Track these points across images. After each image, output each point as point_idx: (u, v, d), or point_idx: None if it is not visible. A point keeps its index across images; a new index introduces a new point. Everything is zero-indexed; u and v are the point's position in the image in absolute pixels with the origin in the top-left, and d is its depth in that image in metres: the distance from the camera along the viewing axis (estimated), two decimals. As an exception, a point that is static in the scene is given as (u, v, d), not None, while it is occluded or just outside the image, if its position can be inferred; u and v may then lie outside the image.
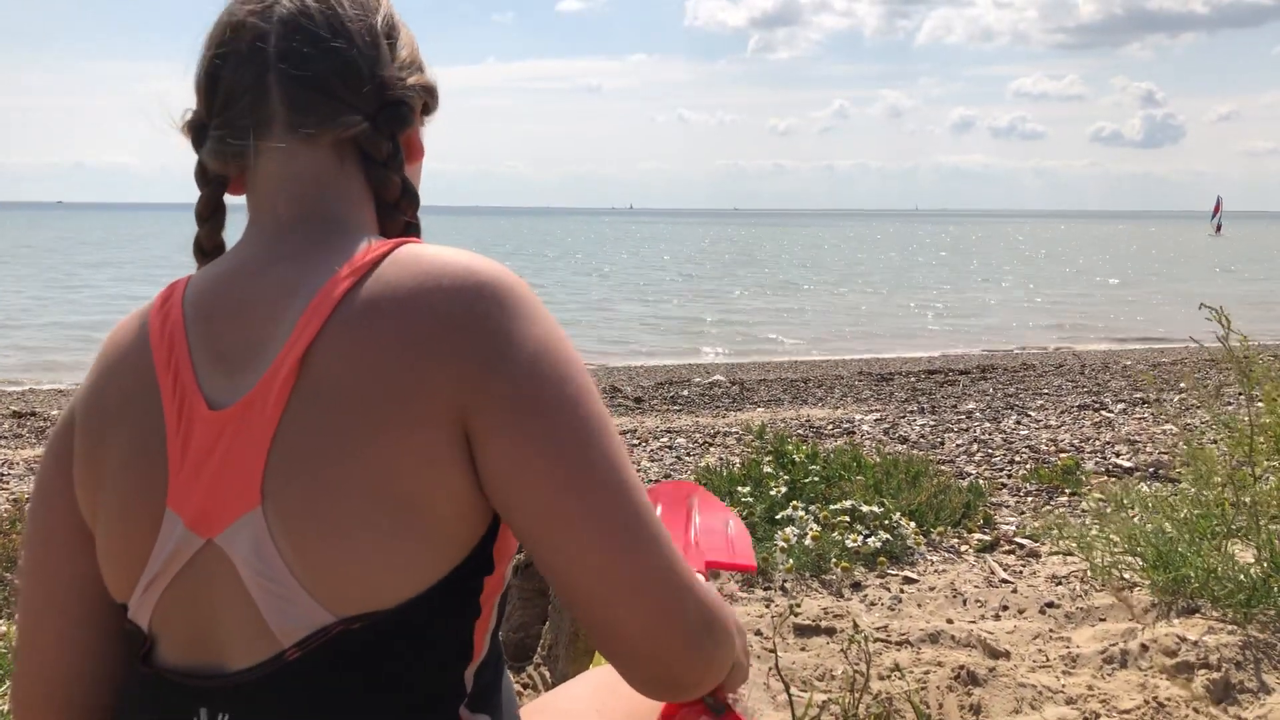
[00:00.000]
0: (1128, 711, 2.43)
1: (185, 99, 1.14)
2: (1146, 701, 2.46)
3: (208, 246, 1.16)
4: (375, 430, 0.93)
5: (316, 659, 0.95)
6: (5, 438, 7.66)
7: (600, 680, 1.56)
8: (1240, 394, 3.09)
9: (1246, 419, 3.05)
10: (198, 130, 1.11)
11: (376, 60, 1.09)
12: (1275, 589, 2.83)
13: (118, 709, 1.09)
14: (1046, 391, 9.16)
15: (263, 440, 0.94)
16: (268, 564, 0.94)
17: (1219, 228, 77.70)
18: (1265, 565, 2.89)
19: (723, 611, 1.01)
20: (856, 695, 2.13)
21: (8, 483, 5.68)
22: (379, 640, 0.95)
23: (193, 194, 1.15)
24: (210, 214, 1.15)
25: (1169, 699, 2.46)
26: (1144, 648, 2.69)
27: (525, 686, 2.57)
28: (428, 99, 1.16)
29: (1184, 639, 2.68)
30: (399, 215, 1.14)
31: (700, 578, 1.01)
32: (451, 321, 0.95)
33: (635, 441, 6.66)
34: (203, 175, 1.12)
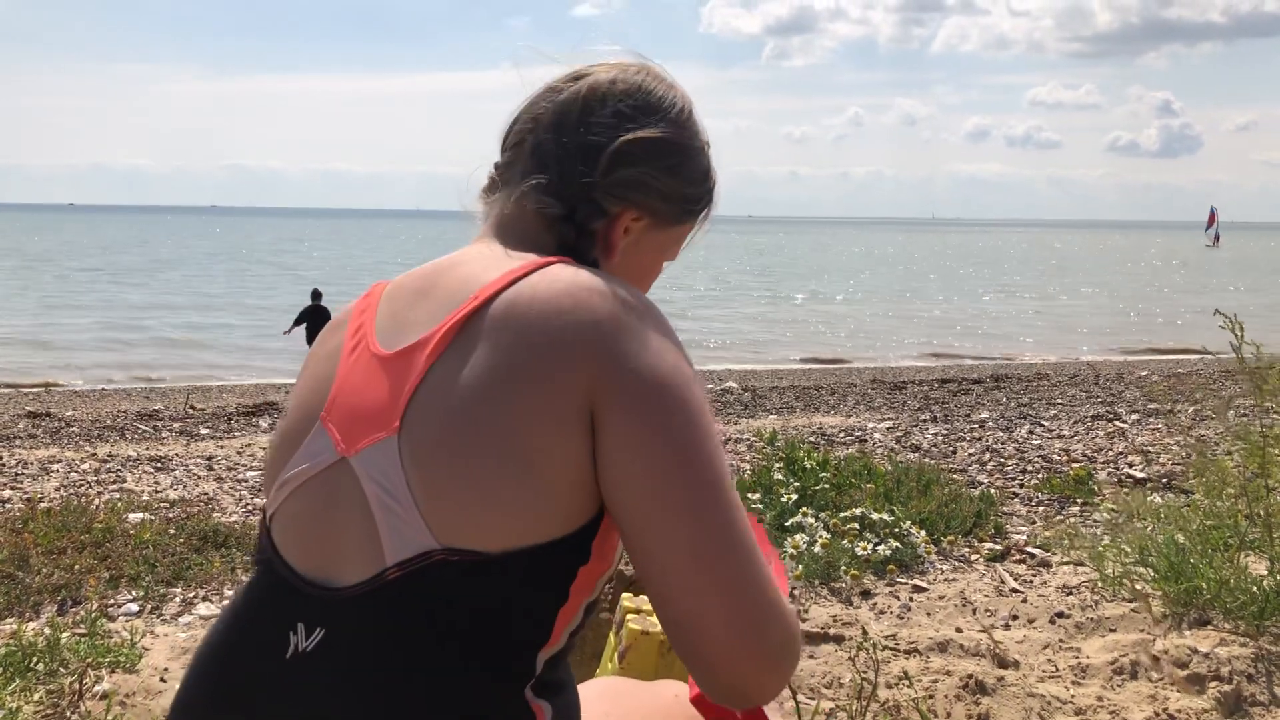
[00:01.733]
0: (1137, 723, 2.41)
1: (192, 101, 1.28)
2: (1157, 713, 2.44)
3: None
4: (505, 396, 1.07)
5: (413, 583, 1.04)
6: (21, 437, 7.70)
7: (606, 687, 1.57)
8: (1254, 405, 3.06)
9: (1259, 430, 3.03)
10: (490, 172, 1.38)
11: (595, 164, 1.26)
12: (1288, 601, 2.81)
13: (232, 605, 1.20)
14: (1060, 401, 9.12)
15: (411, 382, 1.11)
16: (393, 484, 1.07)
17: (1217, 239, 76.97)
18: (1278, 577, 2.87)
19: (798, 634, 1.08)
20: (864, 703, 2.12)
21: (21, 482, 5.71)
22: (473, 579, 1.04)
23: (206, 195, 1.31)
24: None
25: (1179, 710, 2.44)
26: (1155, 659, 2.67)
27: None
28: (650, 212, 1.31)
29: (1195, 650, 2.66)
30: None
31: (785, 598, 1.07)
32: (590, 327, 1.09)
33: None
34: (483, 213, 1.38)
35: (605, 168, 1.27)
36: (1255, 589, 2.86)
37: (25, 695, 2.40)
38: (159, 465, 6.24)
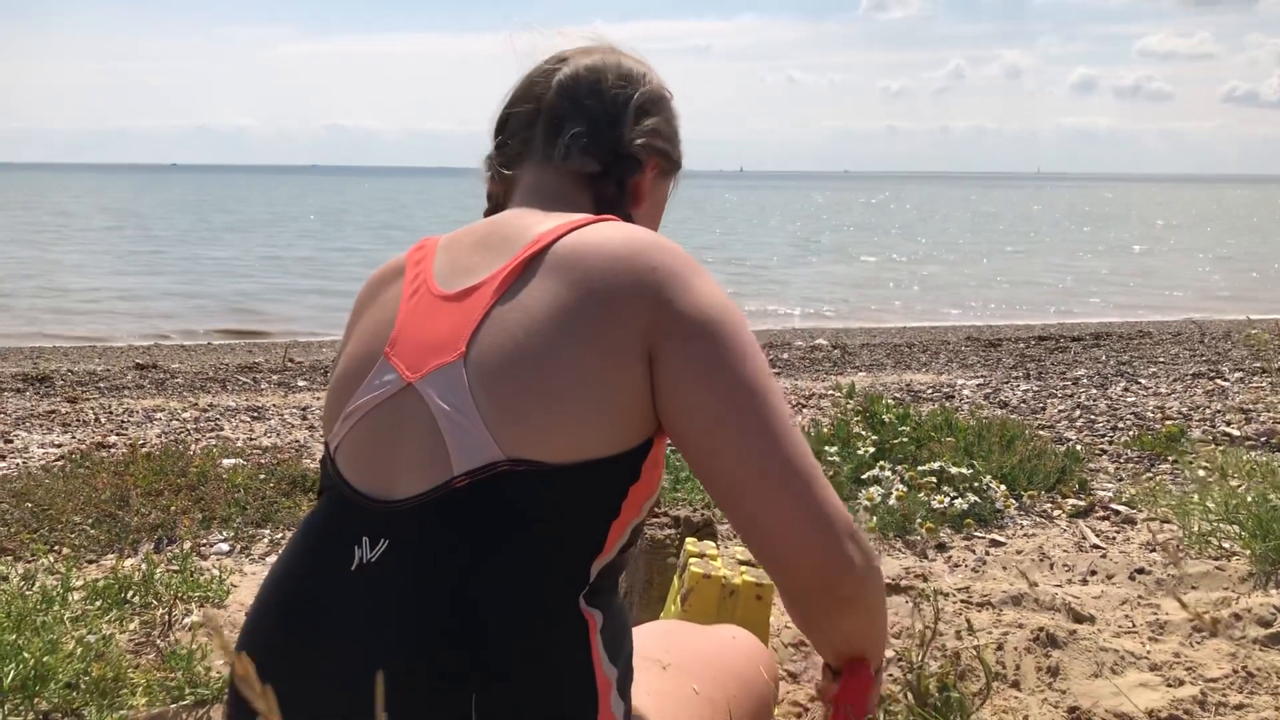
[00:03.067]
0: (1214, 680, 2.35)
1: (292, 62, 1.35)
2: (1235, 671, 2.38)
3: None
4: (576, 319, 1.16)
5: (479, 492, 1.12)
6: (129, 388, 8.02)
7: (665, 628, 1.63)
8: None
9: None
10: (487, 159, 1.47)
11: (620, 121, 1.40)
12: (1381, 561, 2.71)
13: (299, 530, 1.27)
14: (1162, 359, 8.85)
15: (476, 316, 1.19)
16: (459, 400, 1.14)
17: None
18: (1372, 537, 2.77)
19: (859, 533, 1.18)
20: (924, 649, 2.11)
21: (126, 429, 5.96)
22: (536, 489, 1.12)
23: (305, 155, 1.39)
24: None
25: (1259, 669, 2.38)
26: (1237, 617, 2.61)
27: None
28: (663, 161, 1.45)
29: (1279, 609, 2.59)
30: None
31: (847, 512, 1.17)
32: (648, 268, 1.19)
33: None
34: (488, 193, 1.47)
35: (633, 121, 1.41)
36: (1347, 548, 2.77)
37: (121, 624, 2.53)
38: (255, 415, 6.45)
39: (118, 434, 5.74)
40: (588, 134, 1.38)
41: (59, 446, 5.31)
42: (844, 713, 1.35)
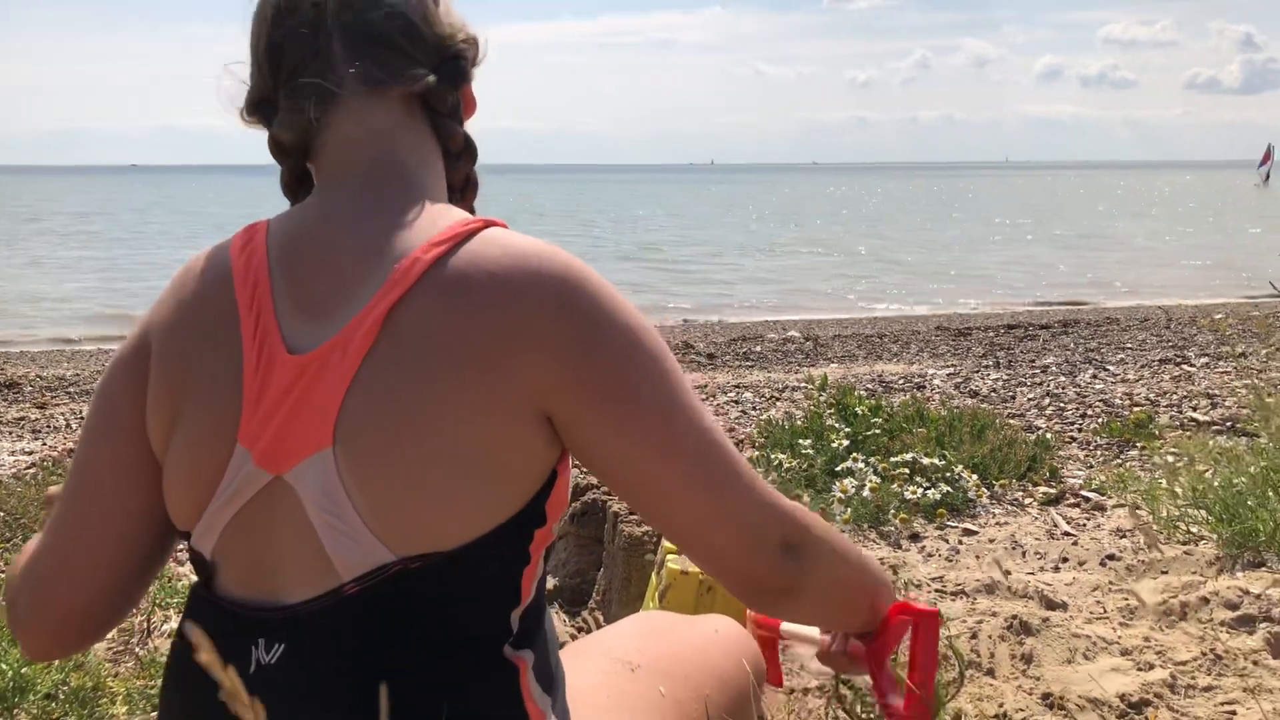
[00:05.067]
0: (1184, 663, 2.40)
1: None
2: (1204, 654, 2.42)
3: None
4: (457, 387, 1.00)
5: (374, 594, 1.01)
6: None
7: (644, 623, 1.61)
8: None
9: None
10: (263, 106, 1.16)
11: (431, 18, 1.15)
12: (1344, 542, 2.77)
13: (181, 635, 1.13)
14: (1129, 345, 8.96)
15: (340, 385, 1.00)
16: (334, 501, 1.00)
17: (1267, 178, 73.65)
18: (1336, 519, 2.83)
19: (818, 534, 1.13)
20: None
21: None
22: (434, 580, 1.02)
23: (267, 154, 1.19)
24: (299, 185, 1.20)
25: (1227, 651, 2.42)
26: (1205, 600, 2.65)
27: (580, 630, 2.63)
28: (475, 55, 1.21)
29: (1247, 592, 2.64)
30: (461, 166, 1.22)
31: (789, 505, 1.12)
32: (545, 306, 1.02)
33: (704, 397, 6.68)
34: (279, 148, 1.16)
35: (443, 20, 1.17)
36: (1312, 530, 2.82)
37: (97, 634, 2.53)
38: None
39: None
40: (406, 36, 1.13)
41: (30, 454, 5.27)
42: (915, 660, 1.30)
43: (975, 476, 3.70)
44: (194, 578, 1.17)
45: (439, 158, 1.18)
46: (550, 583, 2.81)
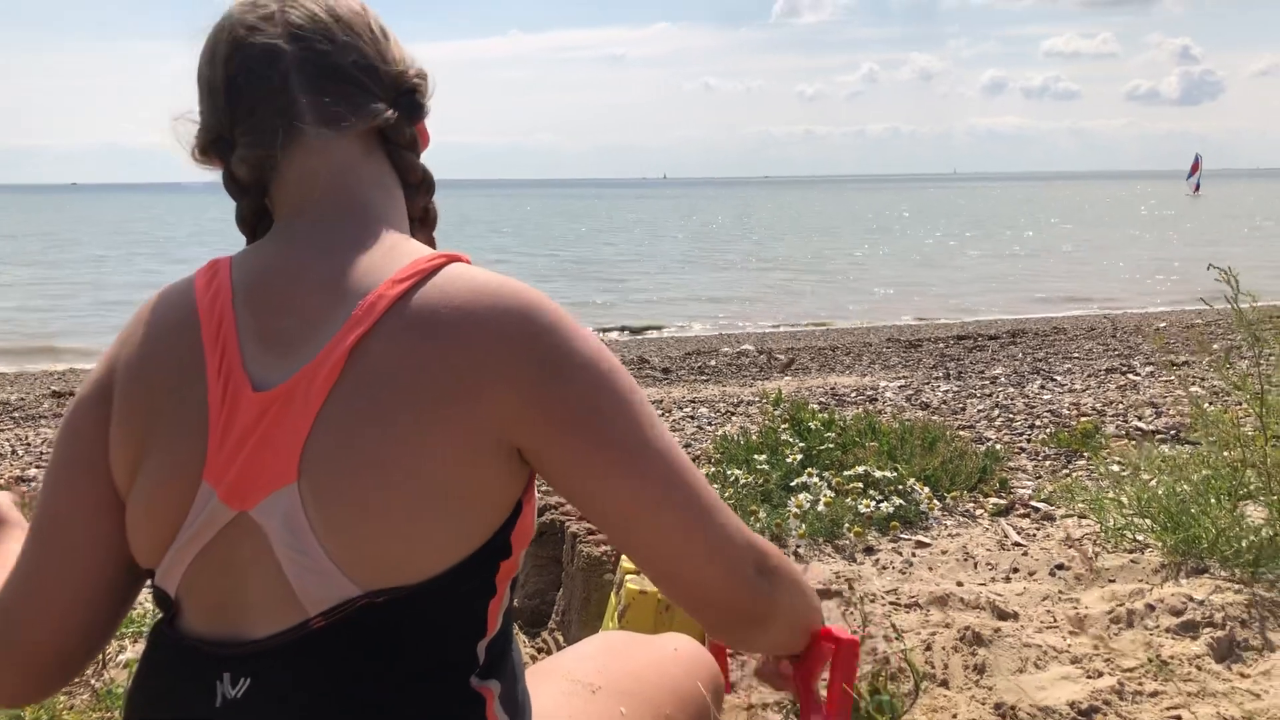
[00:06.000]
0: (1131, 670, 2.46)
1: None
2: (1150, 660, 2.49)
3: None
4: (422, 423, 1.00)
5: (340, 629, 1.02)
6: (45, 417, 7.84)
7: (604, 643, 1.62)
8: (1269, 354, 3.08)
9: (1257, 380, 3.05)
10: (219, 144, 1.16)
11: (385, 53, 1.18)
12: (1283, 548, 2.85)
13: (145, 670, 1.13)
14: (1076, 355, 9.12)
15: (305, 421, 1.01)
16: (299, 536, 1.00)
17: (1197, 188, 75.43)
18: (1275, 526, 2.90)
19: (779, 560, 1.16)
20: (855, 655, 2.18)
21: (46, 460, 5.83)
22: (400, 613, 1.03)
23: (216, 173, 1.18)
24: (256, 220, 1.20)
25: (1172, 657, 2.49)
26: (1150, 608, 2.72)
27: (540, 651, 2.65)
28: (427, 89, 1.24)
29: (1191, 598, 2.70)
30: (420, 198, 1.24)
31: (751, 533, 1.14)
32: (509, 341, 1.03)
33: (660, 412, 6.72)
34: (237, 185, 1.17)
35: (395, 56, 1.19)
36: (1251, 537, 2.90)
37: (51, 665, 2.49)
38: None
39: (38, 466, 5.62)
40: (363, 75, 1.15)
41: (-25, 481, 5.19)
42: (835, 684, 1.35)
43: (927, 489, 3.76)
44: (149, 606, 1.18)
45: (399, 191, 1.20)
46: (509, 603, 2.83)
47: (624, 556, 2.30)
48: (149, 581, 1.14)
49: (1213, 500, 3.07)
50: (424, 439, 1.01)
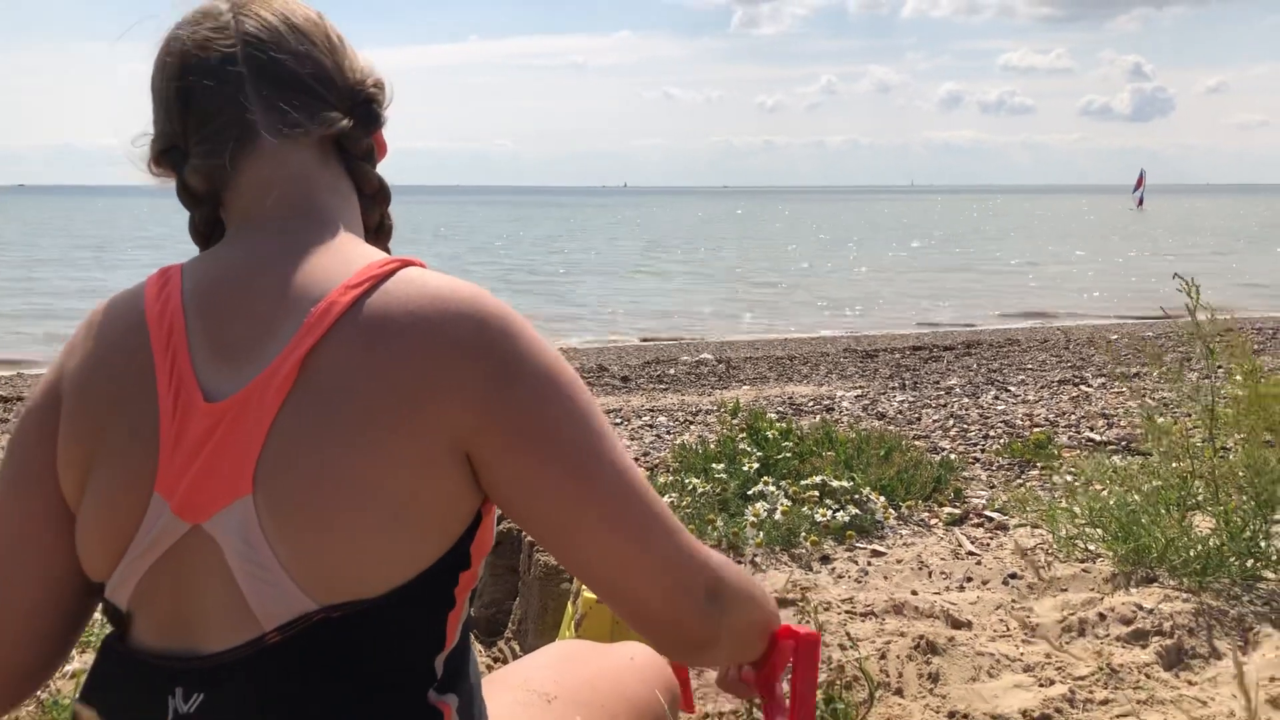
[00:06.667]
0: (1082, 678, 2.49)
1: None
2: (1101, 668, 2.52)
3: None
4: (377, 432, 0.98)
5: (296, 643, 1.00)
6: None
7: (560, 652, 1.62)
8: (1218, 366, 3.14)
9: (1207, 393, 3.11)
10: (172, 153, 1.14)
11: (342, 62, 1.16)
12: (1229, 558, 2.90)
13: (94, 684, 1.11)
14: (1030, 366, 9.23)
15: (258, 432, 0.99)
16: (255, 550, 0.98)
17: (1140, 202, 76.88)
18: (1222, 536, 2.96)
19: (733, 580, 1.14)
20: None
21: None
22: (358, 628, 1.01)
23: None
24: (210, 230, 1.18)
25: (1122, 665, 2.52)
26: (1101, 616, 2.75)
27: (496, 660, 2.63)
28: (384, 99, 1.22)
29: (1140, 607, 2.75)
30: (376, 208, 1.22)
31: (706, 552, 1.12)
32: (462, 347, 1.01)
33: (618, 421, 6.72)
34: (190, 195, 1.15)
35: (352, 65, 1.18)
36: (1199, 547, 2.95)
37: (-5, 675, 2.45)
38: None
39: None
40: (318, 83, 1.13)
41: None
42: (798, 681, 1.34)
43: (883, 498, 3.79)
44: (98, 616, 1.15)
45: (354, 201, 1.19)
46: (465, 612, 2.81)
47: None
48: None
49: (1162, 510, 3.11)
50: (380, 449, 0.99)
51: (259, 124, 1.11)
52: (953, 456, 4.74)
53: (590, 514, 1.04)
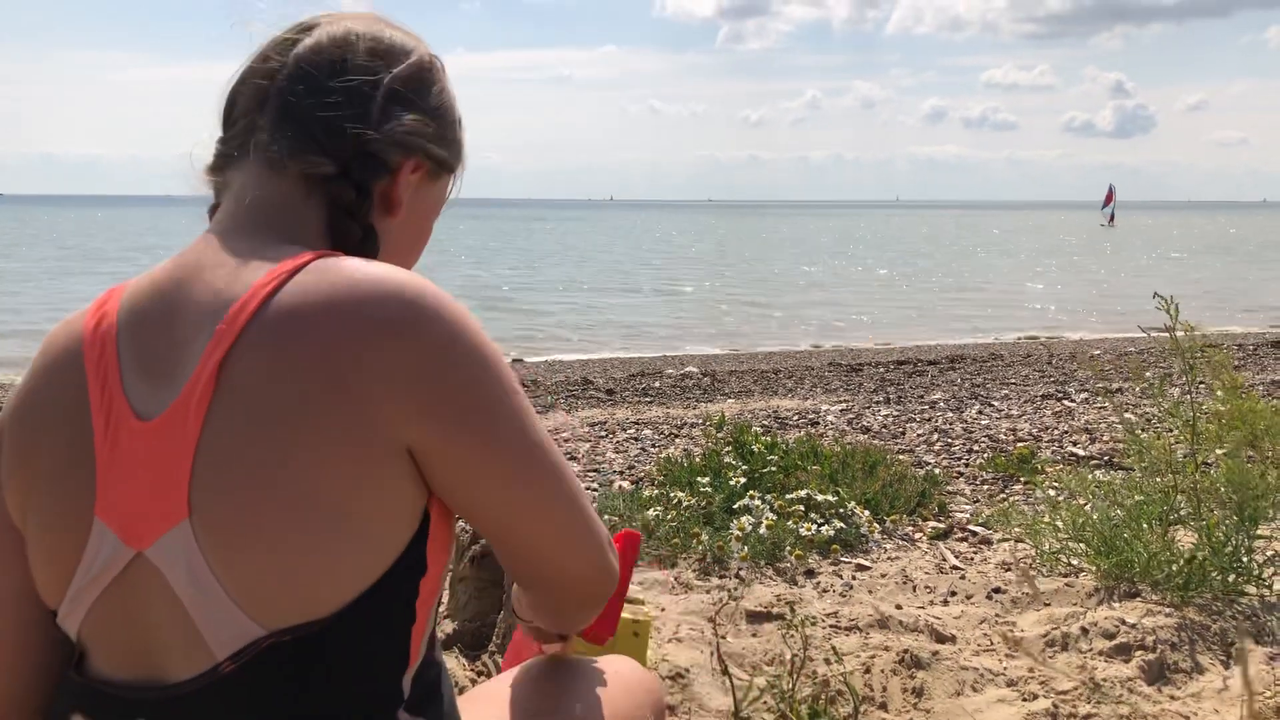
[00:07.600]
0: (1065, 692, 2.50)
1: (148, 88, 1.14)
2: (1084, 683, 2.53)
3: None
4: (304, 436, 0.94)
5: (251, 671, 0.96)
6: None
7: (544, 667, 1.60)
8: (1199, 383, 3.16)
9: (1189, 408, 3.12)
10: (215, 156, 1.16)
11: (367, 109, 1.11)
12: (1212, 572, 2.91)
13: (52, 715, 1.08)
14: (1013, 381, 9.27)
15: (186, 452, 0.95)
16: (198, 576, 0.95)
17: (1111, 218, 77.52)
18: (1204, 551, 2.97)
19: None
20: (794, 677, 2.19)
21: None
22: (311, 651, 0.97)
23: (159, 185, 1.23)
24: None
25: (1105, 680, 2.53)
26: (1084, 631, 2.76)
27: (480, 674, 2.62)
28: (427, 162, 1.17)
29: (1123, 622, 2.76)
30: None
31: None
32: (391, 328, 0.96)
33: (603, 433, 6.71)
34: (214, 193, 1.17)
35: (380, 112, 1.12)
36: (1181, 562, 2.96)
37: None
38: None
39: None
40: (325, 124, 1.09)
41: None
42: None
43: (867, 512, 3.80)
44: None
45: (323, 242, 1.11)
46: (449, 627, 2.80)
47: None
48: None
49: (1145, 525, 3.13)
50: (309, 455, 0.94)
51: (260, 141, 1.11)
52: (937, 471, 4.76)
53: (533, 492, 1.05)
